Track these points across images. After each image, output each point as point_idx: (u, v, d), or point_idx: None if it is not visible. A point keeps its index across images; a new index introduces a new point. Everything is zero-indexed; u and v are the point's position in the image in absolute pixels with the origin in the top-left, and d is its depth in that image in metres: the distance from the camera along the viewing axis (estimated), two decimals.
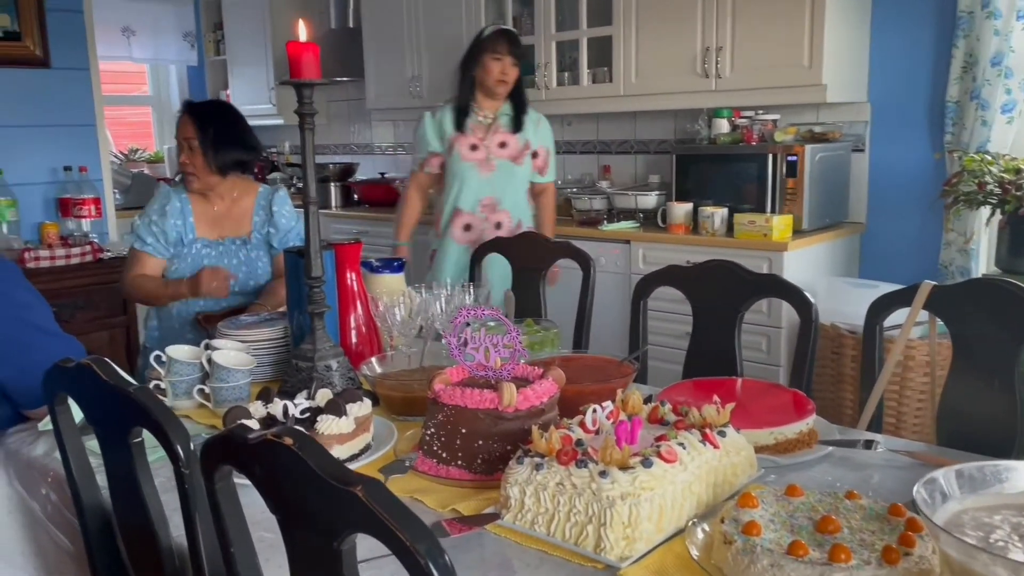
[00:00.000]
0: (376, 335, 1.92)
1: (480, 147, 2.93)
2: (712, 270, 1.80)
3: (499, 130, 2.96)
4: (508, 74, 2.89)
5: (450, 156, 2.96)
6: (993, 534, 0.86)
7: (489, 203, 2.96)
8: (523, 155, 2.98)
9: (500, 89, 2.90)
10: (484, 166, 2.94)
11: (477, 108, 2.97)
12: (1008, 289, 1.42)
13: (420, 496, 1.25)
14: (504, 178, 2.96)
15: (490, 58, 2.87)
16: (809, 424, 1.41)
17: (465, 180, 2.94)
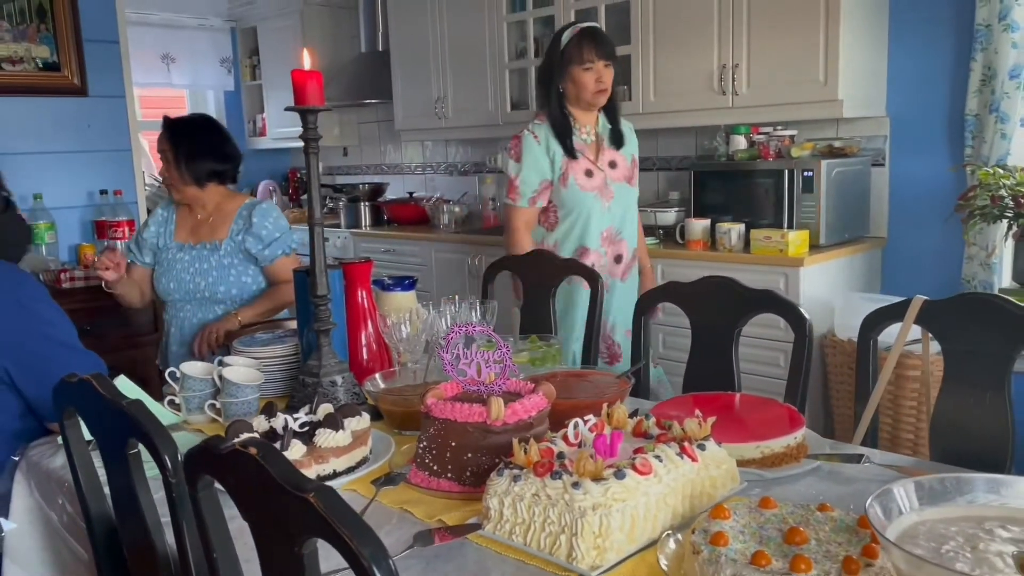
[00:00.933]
0: (386, 352, 1.97)
1: (595, 171, 2.54)
2: (710, 286, 1.82)
3: (604, 148, 2.58)
4: (605, 80, 2.49)
5: (564, 187, 2.52)
6: (945, 545, 0.87)
7: (609, 235, 2.58)
8: (634, 173, 2.64)
9: (601, 99, 2.52)
10: (604, 194, 2.55)
11: (578, 125, 2.56)
12: (998, 304, 1.42)
13: (410, 507, 1.30)
14: (622, 204, 2.60)
15: (579, 70, 2.47)
16: (798, 438, 1.42)
17: (590, 213, 2.53)
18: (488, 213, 4.64)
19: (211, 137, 2.46)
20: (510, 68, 4.19)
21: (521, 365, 1.85)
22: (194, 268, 2.43)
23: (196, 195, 2.45)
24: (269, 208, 2.47)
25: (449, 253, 4.29)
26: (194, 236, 2.46)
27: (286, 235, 2.45)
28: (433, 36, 4.52)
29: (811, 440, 1.47)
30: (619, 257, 2.61)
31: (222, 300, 2.43)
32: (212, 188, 2.46)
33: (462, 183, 5.06)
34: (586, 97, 2.49)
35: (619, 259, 2.61)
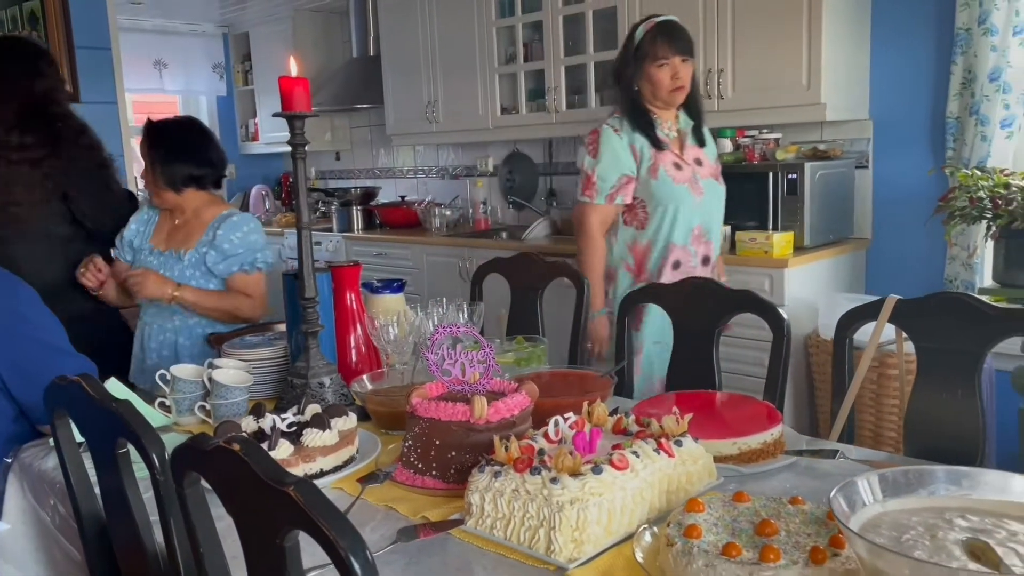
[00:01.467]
0: (375, 354, 2.00)
1: (683, 165, 2.39)
2: (691, 287, 1.86)
3: (687, 145, 2.44)
4: (682, 76, 2.35)
5: (654, 178, 2.36)
6: (906, 535, 0.90)
7: (699, 233, 2.42)
8: (719, 171, 2.50)
9: (678, 97, 2.38)
10: (695, 187, 2.40)
11: (658, 120, 2.42)
12: (968, 302, 1.46)
13: (395, 504, 1.32)
14: (712, 202, 2.46)
15: (653, 67, 2.34)
16: (775, 435, 1.45)
17: (680, 207, 2.37)
18: (479, 216, 4.68)
19: (190, 140, 2.38)
20: (500, 72, 4.23)
21: (507, 366, 1.89)
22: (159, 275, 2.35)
23: (174, 200, 2.37)
24: (240, 222, 2.36)
25: (440, 256, 4.32)
26: (167, 242, 2.40)
27: (249, 252, 2.36)
28: (424, 41, 4.56)
29: (789, 436, 1.51)
30: (707, 259, 2.45)
31: (178, 310, 2.35)
32: (191, 193, 2.38)
33: (453, 187, 5.09)
34: (662, 95, 2.36)
35: (707, 261, 2.45)
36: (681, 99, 2.39)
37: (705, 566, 0.99)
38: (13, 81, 2.50)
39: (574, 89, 3.97)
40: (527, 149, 4.62)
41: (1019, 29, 2.74)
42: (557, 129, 4.05)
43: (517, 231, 4.37)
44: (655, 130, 2.37)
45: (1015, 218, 2.32)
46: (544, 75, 4.01)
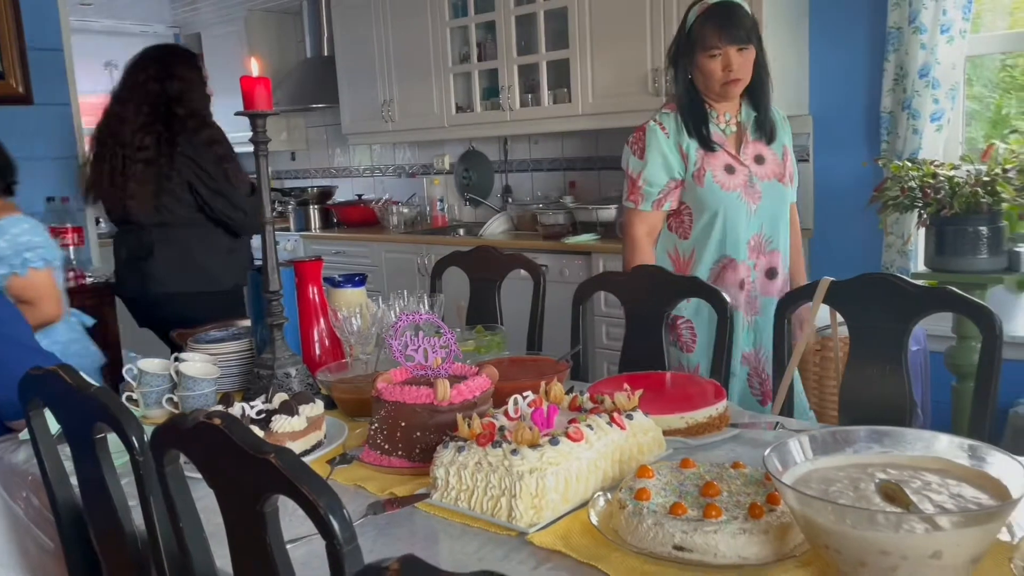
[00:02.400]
0: (338, 347, 2.06)
1: (737, 167, 2.13)
2: (641, 275, 1.95)
3: (748, 140, 2.17)
4: (737, 68, 2.07)
5: (700, 185, 2.12)
6: (832, 487, 1.00)
7: (757, 244, 2.15)
8: (787, 170, 2.20)
9: (732, 91, 2.12)
10: (749, 193, 2.13)
11: (714, 112, 2.16)
12: (894, 281, 1.57)
13: (363, 483, 1.39)
14: (773, 207, 2.16)
15: (704, 57, 2.08)
16: (720, 409, 1.55)
17: (730, 216, 2.11)
18: (437, 213, 4.74)
19: None
20: (454, 72, 4.30)
21: (468, 353, 1.96)
22: None
23: None
24: (9, 224, 2.34)
25: (398, 254, 4.38)
26: None
27: (16, 253, 2.32)
28: (378, 41, 4.61)
29: (733, 411, 1.61)
30: (772, 271, 2.17)
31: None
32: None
33: (410, 185, 5.15)
34: (714, 88, 2.11)
35: (772, 274, 2.17)
36: (737, 92, 2.13)
37: (654, 524, 1.08)
38: (141, 86, 2.84)
39: (528, 88, 4.06)
40: (482, 147, 4.69)
41: (946, 28, 2.89)
42: (511, 127, 4.13)
43: (474, 227, 4.45)
44: (708, 127, 2.13)
45: (943, 206, 2.47)
46: (498, 74, 4.09)
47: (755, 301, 2.16)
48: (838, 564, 0.92)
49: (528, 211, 4.16)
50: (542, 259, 3.61)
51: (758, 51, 2.12)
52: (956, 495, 0.95)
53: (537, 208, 4.07)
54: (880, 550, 0.87)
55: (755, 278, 2.16)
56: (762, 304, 2.16)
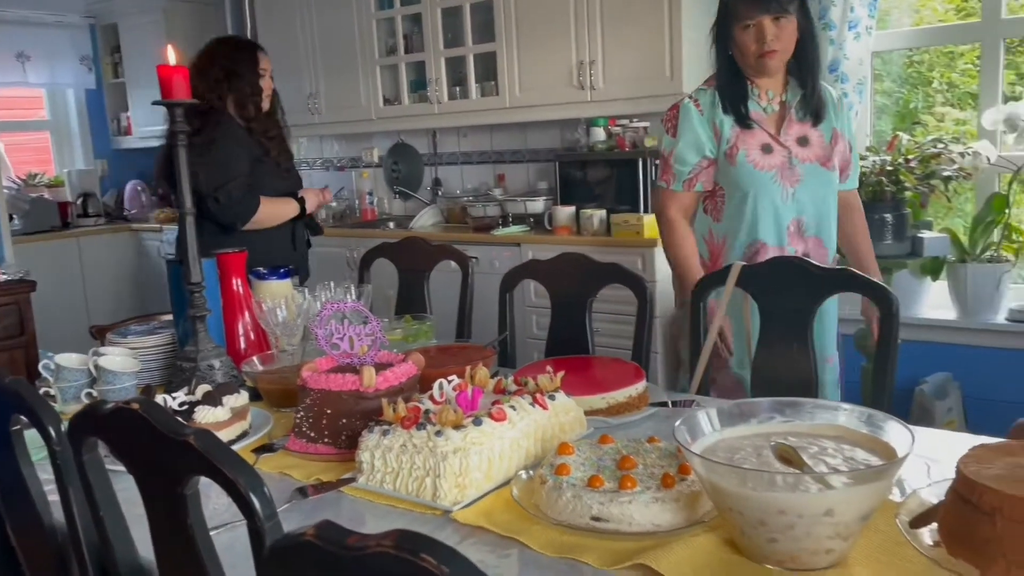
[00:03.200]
0: (264, 340, 2.05)
1: (776, 147, 2.01)
2: (565, 262, 2.00)
3: (792, 120, 2.03)
4: (773, 40, 1.93)
5: (732, 164, 2.01)
6: (737, 454, 1.06)
7: (795, 229, 2.03)
8: (835, 154, 2.05)
9: (768, 65, 1.97)
10: (786, 175, 2.01)
11: (755, 89, 2.04)
12: (800, 264, 1.65)
13: (288, 471, 1.40)
14: (816, 191, 2.02)
15: (738, 29, 1.97)
16: (639, 389, 1.61)
17: (763, 198, 2.00)
18: (366, 207, 4.71)
19: None
20: (381, 64, 4.28)
21: (395, 342, 1.97)
22: None
23: None
24: None
25: (327, 248, 4.33)
26: None
27: None
28: (303, 32, 4.55)
29: (652, 391, 1.67)
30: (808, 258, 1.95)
31: None
32: None
33: (339, 178, 5.10)
34: (749, 62, 1.98)
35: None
36: (775, 66, 1.97)
37: (573, 497, 1.12)
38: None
39: (455, 80, 4.07)
40: (411, 140, 4.69)
41: (853, 24, 3.02)
42: (440, 120, 4.14)
43: (404, 221, 4.44)
44: (746, 103, 2.01)
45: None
46: (425, 67, 4.09)
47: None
48: (741, 526, 0.98)
49: (458, 204, 4.18)
50: (472, 251, 3.62)
51: (802, 21, 1.96)
52: (849, 458, 1.02)
53: (467, 200, 4.10)
54: (778, 510, 0.93)
55: None
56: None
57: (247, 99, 2.80)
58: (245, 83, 2.80)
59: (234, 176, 2.69)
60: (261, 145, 2.81)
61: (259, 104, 2.83)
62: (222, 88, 2.78)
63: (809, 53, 2.00)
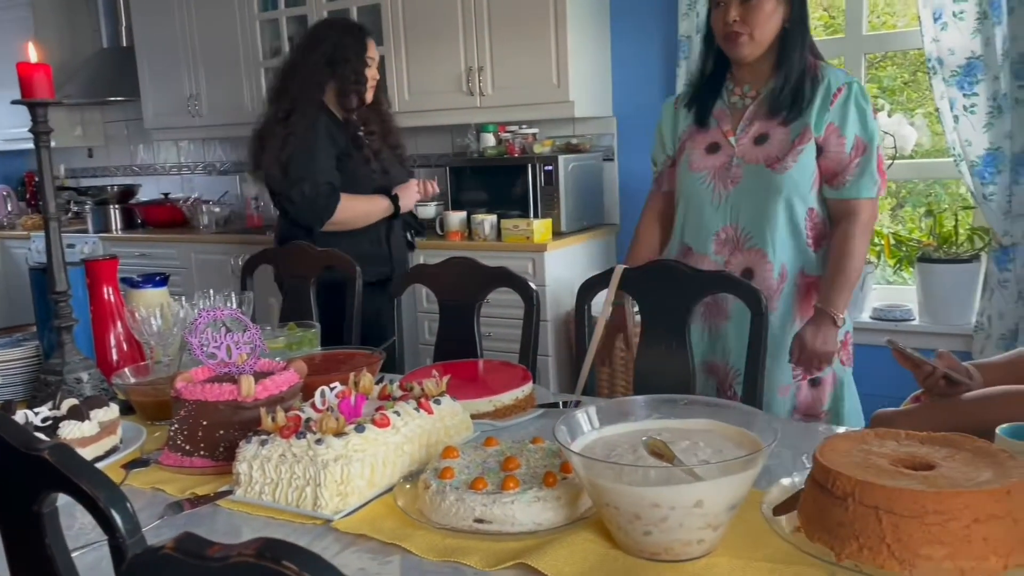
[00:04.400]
0: (138, 351, 1.96)
1: (723, 146, 1.88)
2: (452, 267, 2.00)
3: (760, 115, 1.86)
4: (737, 22, 1.78)
5: (679, 165, 1.96)
6: (614, 451, 1.09)
7: (729, 238, 1.87)
8: (792, 154, 1.81)
9: (735, 48, 1.81)
10: (720, 176, 1.87)
11: (731, 84, 1.90)
12: (676, 267, 1.72)
13: (162, 485, 1.34)
14: (753, 195, 1.84)
15: (713, 10, 1.84)
16: (525, 391, 1.62)
17: (691, 200, 1.91)
18: (251, 212, 4.58)
19: None
20: (264, 66, 4.18)
21: (278, 351, 1.92)
22: None
23: None
24: None
25: (210, 255, 4.20)
26: None
27: None
28: (182, 32, 4.39)
29: (539, 393, 1.69)
30: (747, 273, 1.85)
31: None
32: None
33: (223, 183, 4.94)
34: (721, 45, 1.85)
35: (748, 275, 1.84)
36: (743, 52, 1.80)
37: (456, 500, 1.12)
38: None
39: None
40: None
41: None
42: None
43: None
44: (714, 99, 1.89)
45: None
46: None
47: (723, 305, 1.86)
48: (618, 520, 1.00)
49: None
50: None
51: (788, 9, 1.80)
52: (718, 451, 1.06)
53: None
54: (652, 503, 0.96)
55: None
56: (734, 310, 1.84)
57: (349, 88, 2.58)
58: (349, 70, 2.58)
59: (314, 172, 2.51)
60: (356, 140, 2.62)
61: (362, 94, 2.61)
62: (322, 75, 2.58)
63: (791, 40, 1.81)
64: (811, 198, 1.84)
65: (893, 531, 0.85)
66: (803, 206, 1.83)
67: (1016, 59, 2.71)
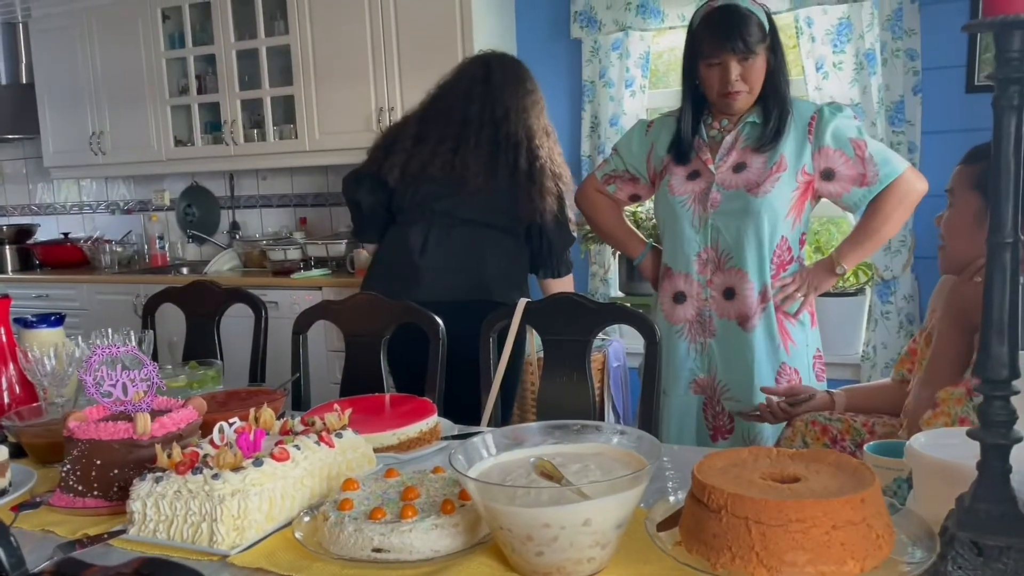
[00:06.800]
0: (33, 394, 1.89)
1: (703, 173, 2.00)
2: (358, 302, 2.02)
3: (737, 147, 1.98)
4: (737, 80, 1.91)
5: (658, 190, 2.07)
6: (509, 476, 1.12)
7: (710, 259, 1.98)
8: (770, 180, 1.92)
9: (733, 103, 1.95)
10: (700, 200, 1.98)
11: (710, 118, 2.03)
12: (575, 300, 1.78)
13: (53, 527, 1.30)
14: (733, 219, 1.94)
15: (703, 65, 1.95)
16: (430, 424, 1.65)
17: (673, 223, 2.01)
18: (156, 252, 4.48)
19: None
20: (172, 104, 4.13)
21: (179, 389, 1.90)
22: None
23: None
24: None
25: (111, 295, 4.08)
26: None
27: None
28: (85, 69, 4.30)
29: (444, 426, 1.72)
30: (730, 291, 1.97)
31: None
32: None
33: (127, 222, 4.82)
34: (712, 98, 1.98)
35: (730, 294, 1.97)
36: (739, 105, 1.95)
37: (354, 531, 1.13)
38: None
39: (253, 123, 4.00)
40: (206, 182, 4.53)
41: (629, 82, 3.31)
42: (236, 162, 4.04)
43: (199, 266, 4.27)
44: (694, 136, 2.01)
45: None
46: (220, 108, 3.99)
47: (708, 322, 1.99)
48: (511, 543, 1.04)
49: (256, 247, 4.07)
50: (273, 295, 3.56)
51: (771, 58, 1.93)
52: (608, 472, 1.11)
53: (266, 244, 4.01)
54: (543, 523, 1.00)
55: (708, 296, 1.99)
56: (719, 326, 1.98)
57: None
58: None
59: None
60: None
61: None
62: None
63: (778, 89, 1.95)
64: (785, 225, 1.96)
65: (761, 540, 0.91)
66: (777, 232, 1.95)
67: (890, 106, 2.93)
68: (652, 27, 3.23)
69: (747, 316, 1.96)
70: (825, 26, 2.96)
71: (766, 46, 1.92)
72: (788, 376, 1.97)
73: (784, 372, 1.98)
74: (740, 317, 1.97)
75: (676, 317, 2.02)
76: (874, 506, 0.94)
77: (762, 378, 1.95)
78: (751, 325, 1.96)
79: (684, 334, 2.02)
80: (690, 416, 2.05)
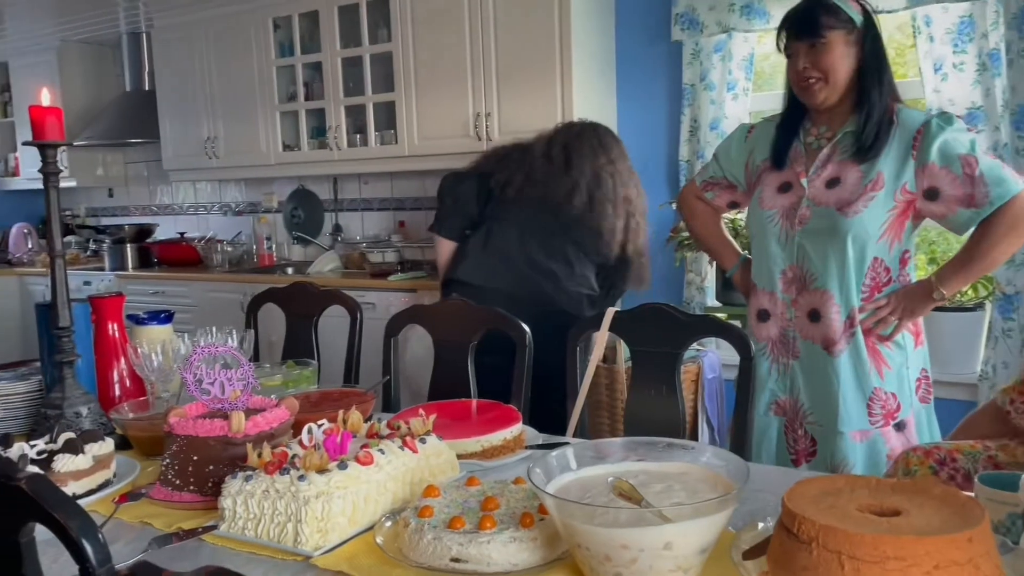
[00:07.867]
0: (141, 388, 1.99)
1: (794, 186, 1.90)
2: (448, 307, 2.03)
3: (834, 159, 1.87)
4: (808, 66, 1.82)
5: (750, 200, 2.01)
6: (588, 493, 1.10)
7: (796, 277, 1.89)
8: (863, 199, 1.80)
9: (811, 95, 1.84)
10: (788, 216, 1.89)
11: (809, 124, 1.94)
12: (667, 311, 1.73)
13: (150, 519, 1.36)
14: (820, 238, 1.84)
15: (788, 59, 1.89)
16: (514, 432, 1.64)
17: (759, 238, 1.94)
18: (263, 252, 4.65)
19: None
20: (280, 111, 4.28)
21: (275, 388, 1.95)
22: None
23: None
24: None
25: (221, 293, 4.26)
26: None
27: None
28: (202, 77, 4.52)
29: (529, 434, 1.70)
30: (815, 314, 1.87)
31: None
32: None
33: (237, 223, 5.03)
34: (798, 96, 1.90)
35: (815, 316, 1.87)
36: (819, 97, 1.83)
37: (433, 539, 1.13)
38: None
39: (356, 128, 4.10)
40: (313, 186, 4.68)
41: (731, 86, 3.21)
42: (340, 167, 4.16)
43: (303, 266, 4.41)
44: (792, 140, 1.93)
45: None
46: (325, 114, 4.11)
47: (792, 343, 1.91)
48: (589, 561, 1.01)
49: (357, 250, 4.18)
50: (370, 297, 3.64)
51: (858, 46, 1.81)
52: (693, 494, 1.07)
53: (365, 247, 4.10)
54: (621, 544, 0.97)
55: (792, 316, 1.90)
56: (803, 348, 1.90)
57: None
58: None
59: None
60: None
61: None
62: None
63: (868, 80, 1.81)
64: (878, 247, 1.83)
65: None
66: (867, 254, 1.83)
67: (1015, 110, 2.73)
68: (757, 28, 3.12)
69: (833, 340, 1.86)
70: (945, 25, 2.79)
71: (846, 35, 1.80)
72: (882, 401, 1.86)
73: (877, 397, 1.86)
74: (825, 341, 1.87)
75: (760, 335, 1.96)
76: (983, 545, 0.87)
77: (847, 406, 1.85)
78: (837, 350, 1.86)
79: (767, 353, 1.95)
80: (770, 438, 1.98)
